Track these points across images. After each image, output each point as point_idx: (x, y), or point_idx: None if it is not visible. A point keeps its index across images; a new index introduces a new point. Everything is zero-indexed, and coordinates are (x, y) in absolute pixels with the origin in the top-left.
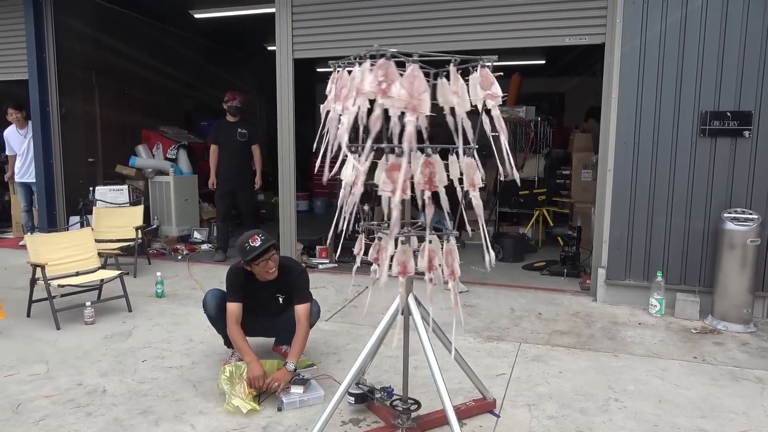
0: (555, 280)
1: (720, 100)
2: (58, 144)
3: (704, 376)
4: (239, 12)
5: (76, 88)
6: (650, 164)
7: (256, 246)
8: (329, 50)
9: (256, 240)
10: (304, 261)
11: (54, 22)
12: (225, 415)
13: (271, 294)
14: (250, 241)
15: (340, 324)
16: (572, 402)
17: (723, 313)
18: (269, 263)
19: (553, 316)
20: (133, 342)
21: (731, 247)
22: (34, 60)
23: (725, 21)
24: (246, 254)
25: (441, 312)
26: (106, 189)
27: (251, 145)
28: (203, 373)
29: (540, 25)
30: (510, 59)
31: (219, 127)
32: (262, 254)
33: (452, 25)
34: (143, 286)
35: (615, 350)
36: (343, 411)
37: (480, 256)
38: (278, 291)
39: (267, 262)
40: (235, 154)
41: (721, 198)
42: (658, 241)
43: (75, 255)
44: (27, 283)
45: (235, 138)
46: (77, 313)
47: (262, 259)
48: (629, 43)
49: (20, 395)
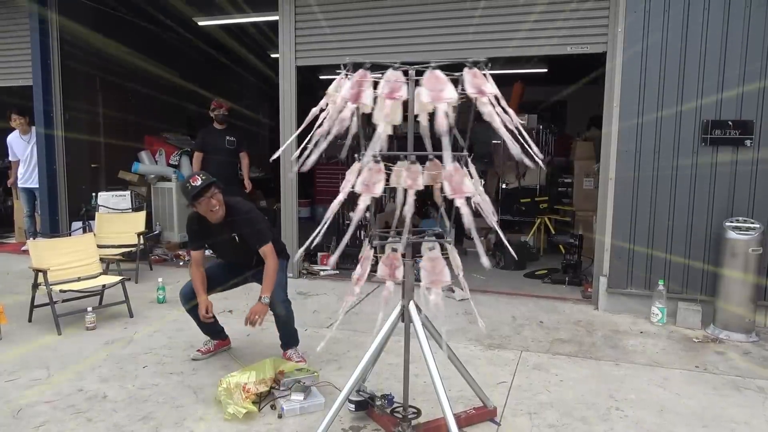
0: (557, 288)
1: (721, 109)
2: (61, 149)
3: (706, 386)
4: (243, 20)
5: (80, 94)
6: (652, 173)
7: (197, 185)
8: (332, 57)
9: (197, 180)
10: (305, 268)
11: (59, 28)
12: (225, 422)
13: (227, 235)
14: (191, 181)
15: (342, 331)
16: (573, 411)
17: (725, 322)
18: (211, 201)
19: (555, 325)
20: (134, 348)
21: (733, 255)
22: (38, 66)
23: (726, 30)
24: (188, 193)
25: (445, 319)
26: (109, 195)
27: (239, 152)
28: (204, 380)
29: (542, 33)
30: (512, 67)
31: (206, 134)
32: (202, 192)
33: (454, 33)
34: (145, 292)
35: (616, 359)
36: (344, 418)
37: (481, 264)
38: (232, 231)
39: (209, 200)
40: (222, 161)
41: (722, 207)
42: (659, 250)
43: (77, 260)
44: (29, 288)
45: (223, 145)
46: (79, 318)
47: (204, 198)
48: (631, 52)
49: (21, 400)
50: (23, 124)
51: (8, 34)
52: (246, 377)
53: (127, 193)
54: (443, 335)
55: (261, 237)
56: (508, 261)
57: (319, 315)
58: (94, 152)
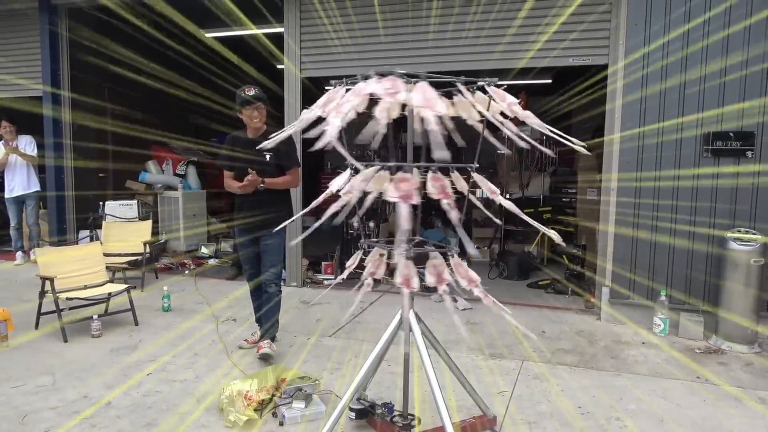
0: (559, 298)
1: (723, 120)
2: (69, 159)
3: (707, 397)
4: (249, 32)
5: (89, 105)
6: (653, 184)
7: (250, 94)
8: (337, 69)
9: (251, 90)
10: (309, 277)
11: (68, 39)
12: (227, 430)
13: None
14: (246, 90)
15: (344, 340)
16: (573, 420)
17: (727, 333)
18: (255, 112)
19: (557, 335)
20: (139, 355)
21: (735, 267)
22: (48, 76)
23: (727, 42)
24: (240, 99)
25: (444, 328)
26: (116, 204)
27: None
28: (207, 388)
29: (544, 45)
30: (516, 78)
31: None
32: (251, 101)
33: (457, 45)
34: (150, 300)
35: (618, 369)
36: (345, 426)
37: (485, 273)
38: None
39: (254, 110)
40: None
41: (724, 218)
42: (662, 261)
43: (83, 269)
44: (36, 295)
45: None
46: (84, 325)
47: (251, 107)
48: (632, 64)
49: (26, 406)
50: (11, 132)
51: (19, 45)
52: (248, 385)
53: (134, 202)
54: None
55: (294, 159)
56: (512, 271)
57: (322, 324)
58: (102, 162)
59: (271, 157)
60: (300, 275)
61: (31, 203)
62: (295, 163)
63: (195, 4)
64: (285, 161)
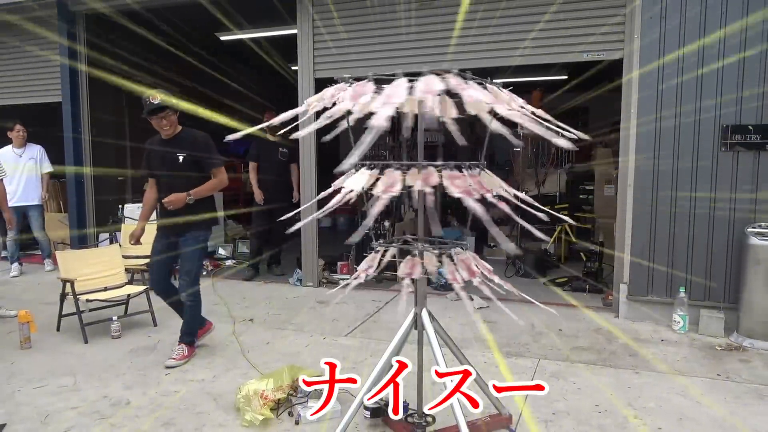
0: (577, 295)
1: (741, 113)
2: (89, 164)
3: (728, 394)
4: (263, 34)
5: (107, 110)
6: (671, 179)
7: (155, 103)
8: (350, 69)
9: (156, 98)
10: (325, 277)
11: (86, 44)
12: (243, 429)
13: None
14: (151, 98)
15: (360, 339)
16: (590, 419)
17: (749, 330)
18: (163, 121)
19: (574, 332)
20: (158, 355)
21: (756, 262)
22: (67, 82)
23: (745, 34)
24: (145, 108)
25: (459, 327)
26: (135, 206)
27: (291, 163)
28: (224, 387)
29: (558, 41)
30: (531, 75)
31: (260, 146)
32: (155, 112)
33: (470, 43)
34: None
35: (636, 367)
36: (360, 425)
37: (501, 271)
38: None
39: (160, 120)
40: (274, 173)
41: (744, 212)
42: (680, 257)
43: (103, 271)
44: (57, 298)
45: (276, 157)
46: (104, 327)
47: (155, 117)
48: (647, 58)
49: (48, 407)
50: (22, 138)
51: (39, 51)
52: (264, 384)
53: None
54: None
55: (216, 159)
56: (528, 269)
57: (338, 323)
58: (121, 166)
59: (184, 158)
60: (316, 275)
61: (34, 214)
62: (218, 163)
63: (206, 9)
64: (206, 162)
